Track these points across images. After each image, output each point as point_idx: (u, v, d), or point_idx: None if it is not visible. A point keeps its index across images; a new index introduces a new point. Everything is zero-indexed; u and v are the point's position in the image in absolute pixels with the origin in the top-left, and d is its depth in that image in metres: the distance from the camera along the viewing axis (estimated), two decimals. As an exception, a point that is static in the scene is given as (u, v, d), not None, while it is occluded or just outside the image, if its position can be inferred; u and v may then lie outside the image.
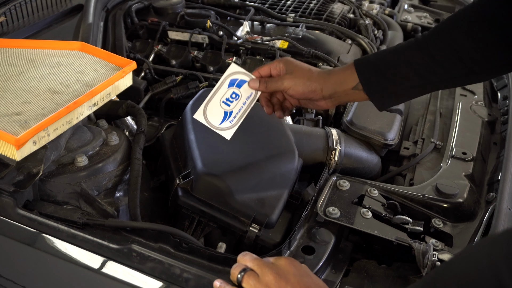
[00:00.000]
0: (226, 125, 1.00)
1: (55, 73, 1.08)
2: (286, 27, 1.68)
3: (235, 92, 1.02)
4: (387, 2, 2.08)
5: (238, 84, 1.03)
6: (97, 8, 1.64)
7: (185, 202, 0.99)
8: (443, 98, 1.44)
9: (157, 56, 1.58)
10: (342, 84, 0.96)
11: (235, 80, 1.03)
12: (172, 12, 1.71)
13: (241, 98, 1.02)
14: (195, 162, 1.02)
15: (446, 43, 0.90)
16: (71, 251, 0.85)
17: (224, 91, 1.02)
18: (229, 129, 1.00)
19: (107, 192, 1.03)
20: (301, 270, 0.78)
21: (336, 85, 0.97)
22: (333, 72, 0.99)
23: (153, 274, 0.81)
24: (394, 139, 1.24)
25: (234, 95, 1.02)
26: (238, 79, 1.03)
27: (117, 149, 1.06)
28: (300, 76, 0.98)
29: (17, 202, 0.92)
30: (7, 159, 0.94)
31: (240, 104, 1.02)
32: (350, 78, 0.96)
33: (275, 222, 0.96)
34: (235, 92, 1.02)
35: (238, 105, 1.02)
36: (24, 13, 1.57)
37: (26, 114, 0.96)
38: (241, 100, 1.02)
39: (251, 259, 0.79)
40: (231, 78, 1.04)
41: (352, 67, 0.96)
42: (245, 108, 1.02)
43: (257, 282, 0.75)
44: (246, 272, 0.76)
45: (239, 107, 1.01)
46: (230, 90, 1.02)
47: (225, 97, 1.02)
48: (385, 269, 0.92)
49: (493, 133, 1.33)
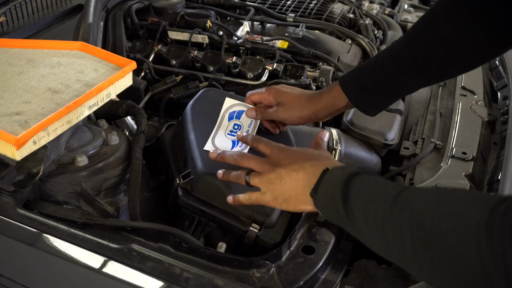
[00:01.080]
0: (237, 149, 1.03)
1: (55, 73, 1.08)
2: (286, 27, 1.68)
3: (236, 123, 1.09)
4: (387, 2, 2.08)
5: (237, 116, 1.10)
6: (97, 8, 1.64)
7: (185, 202, 0.99)
8: (443, 98, 1.44)
9: (157, 56, 1.58)
10: (333, 105, 1.02)
11: (233, 113, 1.10)
12: (172, 12, 1.71)
13: (243, 127, 1.08)
14: (195, 162, 1.02)
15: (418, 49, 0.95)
16: (71, 250, 0.85)
17: (226, 125, 1.08)
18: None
19: (107, 192, 1.03)
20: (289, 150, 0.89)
21: (328, 107, 1.03)
22: (323, 95, 1.03)
23: (153, 274, 0.81)
24: (394, 139, 1.24)
25: (236, 126, 1.08)
26: (236, 111, 1.10)
27: (117, 149, 1.06)
28: (292, 108, 1.04)
29: (17, 201, 0.92)
30: (7, 159, 0.94)
31: (244, 131, 1.08)
32: (340, 99, 1.02)
33: (275, 222, 0.96)
34: (236, 124, 1.08)
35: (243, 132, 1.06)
36: (24, 13, 1.57)
37: (26, 114, 0.96)
38: (244, 128, 1.08)
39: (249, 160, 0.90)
40: (229, 111, 1.11)
41: (338, 88, 1.01)
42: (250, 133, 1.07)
43: (260, 179, 0.87)
44: (251, 174, 0.89)
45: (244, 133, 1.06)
46: (231, 123, 1.08)
47: (229, 129, 1.08)
48: (385, 269, 0.92)
49: (493, 133, 1.33)
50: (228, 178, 0.94)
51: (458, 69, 1.00)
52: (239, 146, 1.03)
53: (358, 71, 1.01)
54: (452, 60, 0.95)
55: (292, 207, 0.84)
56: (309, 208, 0.82)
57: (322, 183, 0.77)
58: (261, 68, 1.44)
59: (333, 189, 0.74)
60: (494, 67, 1.58)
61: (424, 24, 0.97)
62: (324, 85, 1.38)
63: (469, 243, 0.53)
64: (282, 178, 0.84)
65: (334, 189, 0.74)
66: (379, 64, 0.99)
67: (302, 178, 0.82)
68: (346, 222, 0.72)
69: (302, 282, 0.86)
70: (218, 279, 0.81)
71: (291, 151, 0.89)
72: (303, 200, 0.81)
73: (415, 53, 0.95)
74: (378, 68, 0.98)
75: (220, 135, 1.06)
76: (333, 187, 0.75)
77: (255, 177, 0.88)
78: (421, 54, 0.94)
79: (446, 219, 0.57)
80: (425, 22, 0.96)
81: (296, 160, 0.85)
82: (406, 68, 0.95)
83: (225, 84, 1.47)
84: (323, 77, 1.40)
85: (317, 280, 0.89)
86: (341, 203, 0.72)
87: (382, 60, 0.99)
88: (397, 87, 0.99)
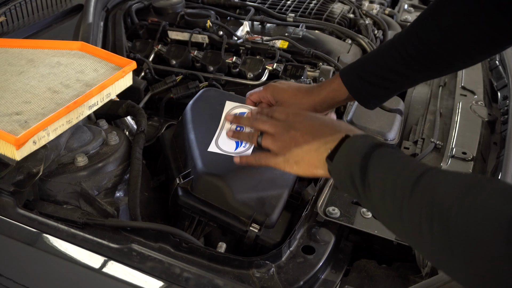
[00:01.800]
0: (241, 150, 1.01)
1: (55, 73, 1.08)
2: (286, 27, 1.68)
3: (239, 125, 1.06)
4: (387, 2, 2.08)
5: None
6: (97, 8, 1.64)
7: (185, 202, 1.00)
8: (443, 98, 1.44)
9: (157, 56, 1.58)
10: (334, 97, 1.01)
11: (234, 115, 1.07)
12: (172, 12, 1.71)
13: (245, 128, 1.05)
14: (195, 162, 1.02)
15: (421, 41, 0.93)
16: (71, 250, 0.85)
17: (229, 127, 1.06)
18: (245, 151, 1.01)
19: (107, 192, 1.03)
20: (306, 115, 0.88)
21: (328, 100, 1.01)
22: (322, 87, 1.02)
23: (153, 274, 0.81)
24: (394, 139, 1.24)
25: (238, 128, 1.05)
26: (237, 113, 1.08)
27: (117, 149, 1.06)
28: (291, 104, 1.02)
29: (17, 201, 0.92)
30: (7, 159, 0.94)
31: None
32: (340, 91, 1.00)
33: (275, 221, 0.96)
34: (238, 126, 1.06)
35: None
36: (24, 13, 1.57)
37: (26, 113, 0.96)
38: (247, 129, 1.05)
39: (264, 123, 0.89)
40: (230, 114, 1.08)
41: (339, 80, 1.00)
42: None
43: (273, 141, 0.86)
44: (263, 135, 0.88)
45: None
46: (234, 125, 1.06)
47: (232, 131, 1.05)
48: (385, 269, 0.92)
49: (493, 133, 1.33)
50: (238, 137, 0.93)
51: (461, 63, 0.98)
52: (243, 146, 1.03)
53: (359, 64, 1.00)
54: (456, 53, 0.93)
55: (303, 170, 0.82)
56: (321, 172, 0.79)
57: (341, 149, 0.74)
58: (261, 68, 1.44)
59: (352, 158, 0.71)
60: (494, 67, 1.58)
61: (427, 16, 0.95)
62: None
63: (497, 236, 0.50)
64: (297, 141, 0.82)
65: (353, 158, 0.71)
66: (380, 56, 0.97)
67: (318, 141, 0.79)
68: (360, 194, 0.69)
69: (302, 282, 0.86)
70: (218, 279, 0.81)
71: (310, 116, 0.87)
72: (316, 164, 0.79)
73: (418, 46, 0.93)
74: (380, 60, 0.97)
75: (224, 137, 1.06)
76: (352, 155, 0.72)
77: (268, 138, 0.87)
78: (424, 46, 0.93)
79: (473, 211, 0.54)
80: (429, 14, 0.95)
81: (313, 124, 0.84)
82: (408, 60, 0.94)
83: (225, 84, 1.47)
84: (323, 77, 1.40)
85: (317, 280, 0.89)
86: (359, 175, 0.69)
87: (383, 52, 0.97)
88: (398, 80, 0.97)
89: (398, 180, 0.64)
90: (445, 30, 0.91)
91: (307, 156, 0.80)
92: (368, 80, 0.98)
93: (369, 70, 0.98)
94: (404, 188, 0.62)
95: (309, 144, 0.80)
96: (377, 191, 0.67)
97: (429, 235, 0.58)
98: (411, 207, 0.61)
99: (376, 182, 0.67)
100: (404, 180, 0.63)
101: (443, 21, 0.92)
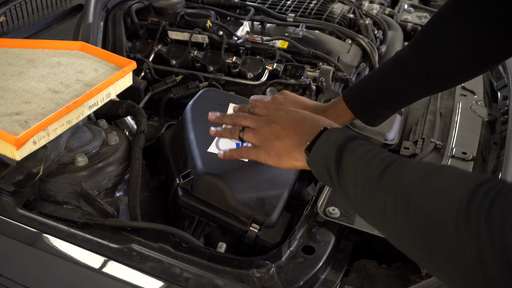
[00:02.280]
0: None
1: (55, 73, 1.08)
2: (286, 27, 1.68)
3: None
4: (387, 2, 2.08)
5: None
6: (97, 8, 1.64)
7: (185, 202, 1.00)
8: (443, 98, 1.44)
9: (157, 56, 1.57)
10: (338, 119, 1.03)
11: None
12: (172, 12, 1.71)
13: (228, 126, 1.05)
14: (195, 162, 1.02)
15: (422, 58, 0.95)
16: (71, 250, 0.85)
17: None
18: None
19: (107, 192, 1.03)
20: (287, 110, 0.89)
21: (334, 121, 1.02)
22: (327, 112, 1.03)
23: (153, 274, 0.81)
24: (394, 139, 1.24)
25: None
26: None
27: (117, 149, 1.06)
28: None
29: (17, 201, 0.92)
30: (7, 159, 0.94)
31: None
32: (345, 115, 1.03)
33: (275, 221, 0.96)
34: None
35: None
36: (24, 13, 1.57)
37: (26, 114, 0.96)
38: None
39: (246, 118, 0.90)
40: None
41: (343, 105, 1.02)
42: None
43: (255, 134, 0.88)
44: (245, 129, 0.89)
45: None
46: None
47: None
48: (385, 269, 0.92)
49: (493, 133, 1.33)
50: (220, 135, 0.95)
51: (464, 78, 1.00)
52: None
53: (362, 86, 1.02)
54: (458, 70, 0.94)
55: (284, 162, 0.85)
56: (301, 165, 0.83)
57: (319, 141, 0.78)
58: (261, 68, 1.44)
59: (328, 148, 0.75)
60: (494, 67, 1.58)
61: (427, 35, 0.96)
62: (324, 85, 1.38)
63: (449, 215, 0.55)
64: (278, 134, 0.85)
65: (329, 148, 0.74)
66: (383, 78, 0.99)
67: (298, 134, 0.82)
68: (335, 182, 0.73)
69: (302, 282, 0.86)
70: (218, 279, 0.81)
71: (291, 111, 0.89)
72: (296, 157, 0.82)
73: (420, 66, 0.95)
74: (382, 81, 0.99)
75: (224, 139, 1.06)
76: (328, 146, 0.75)
77: (250, 132, 0.89)
78: (426, 65, 0.94)
79: (430, 192, 0.59)
80: (428, 32, 0.96)
81: (294, 118, 0.86)
82: (410, 80, 0.96)
83: (225, 84, 1.47)
84: (323, 77, 1.40)
85: (317, 280, 0.89)
86: (334, 164, 0.73)
87: (385, 74, 0.99)
88: (403, 98, 1.00)
89: (368, 168, 0.68)
90: (446, 48, 0.92)
91: (288, 149, 0.83)
92: (373, 102, 0.99)
93: (373, 92, 0.99)
94: (373, 174, 0.66)
95: (289, 137, 0.83)
96: (349, 178, 0.70)
97: (392, 216, 0.62)
98: (379, 191, 0.65)
99: (349, 170, 0.71)
100: (374, 167, 0.67)
101: (443, 40, 0.92)
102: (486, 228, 0.51)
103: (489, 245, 0.50)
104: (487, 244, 0.50)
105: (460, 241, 0.53)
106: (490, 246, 0.50)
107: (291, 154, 0.83)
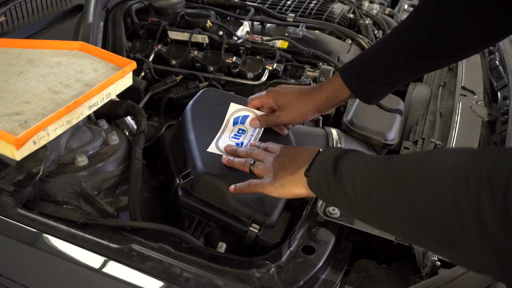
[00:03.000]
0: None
1: (55, 73, 1.08)
2: (286, 27, 1.68)
3: (241, 128, 1.09)
4: (387, 2, 2.08)
5: (241, 121, 1.11)
6: (97, 8, 1.64)
7: (185, 202, 0.99)
8: (443, 98, 1.44)
9: (157, 56, 1.58)
10: (336, 97, 1.03)
11: (238, 118, 1.11)
12: (172, 12, 1.71)
13: (247, 132, 1.08)
14: (195, 162, 1.02)
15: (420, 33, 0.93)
16: (71, 250, 0.85)
17: (231, 129, 1.09)
18: None
19: (107, 192, 1.03)
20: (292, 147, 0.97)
21: (330, 100, 1.03)
22: (323, 89, 1.03)
23: (153, 274, 0.81)
24: (394, 139, 1.24)
25: (240, 131, 1.09)
26: (240, 116, 1.11)
27: (117, 149, 1.06)
28: (293, 109, 1.05)
29: (17, 201, 0.92)
30: (7, 159, 0.94)
31: (248, 136, 1.08)
32: (341, 91, 1.02)
33: (275, 222, 0.96)
34: (241, 129, 1.09)
35: (247, 137, 1.08)
36: (24, 13, 1.57)
37: (26, 114, 0.96)
38: (249, 133, 1.08)
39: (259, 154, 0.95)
40: (234, 116, 1.11)
41: (340, 80, 1.01)
42: (254, 138, 1.08)
43: (264, 166, 0.92)
44: (255, 163, 0.93)
45: (248, 138, 1.07)
46: (236, 128, 1.09)
47: (233, 133, 1.08)
48: (385, 269, 0.92)
49: (493, 133, 1.33)
50: (232, 164, 0.97)
51: (462, 53, 0.97)
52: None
53: (359, 61, 1.00)
54: (457, 45, 0.93)
55: (287, 191, 0.86)
56: (302, 191, 0.83)
57: (316, 160, 0.79)
58: (261, 68, 1.44)
59: (325, 163, 0.76)
60: (494, 67, 1.58)
61: (425, 8, 0.94)
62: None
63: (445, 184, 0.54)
64: (283, 165, 0.87)
65: (327, 163, 0.76)
66: (379, 53, 0.97)
67: (299, 161, 0.84)
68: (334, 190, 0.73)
69: (302, 282, 0.86)
70: (218, 279, 0.81)
71: (295, 147, 0.95)
72: (297, 184, 0.83)
73: (417, 40, 0.93)
74: (379, 56, 0.97)
75: (224, 138, 1.06)
76: (325, 162, 0.76)
77: (259, 165, 0.92)
78: (423, 40, 0.92)
79: (426, 168, 0.59)
80: (426, 6, 0.94)
81: (297, 150, 0.90)
82: (408, 55, 0.94)
83: (225, 84, 1.47)
84: (323, 77, 1.40)
85: (317, 280, 0.89)
86: (331, 172, 0.73)
87: (382, 49, 0.97)
88: (399, 74, 0.98)
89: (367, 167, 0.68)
90: (444, 23, 0.90)
91: (290, 178, 0.84)
92: (370, 78, 0.98)
93: (369, 67, 0.98)
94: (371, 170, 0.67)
95: (292, 165, 0.85)
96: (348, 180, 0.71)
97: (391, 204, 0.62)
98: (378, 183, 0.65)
99: (346, 172, 0.71)
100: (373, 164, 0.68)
101: (442, 14, 0.91)
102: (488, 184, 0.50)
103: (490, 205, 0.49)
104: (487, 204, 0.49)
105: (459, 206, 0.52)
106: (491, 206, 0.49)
107: (294, 182, 0.84)
